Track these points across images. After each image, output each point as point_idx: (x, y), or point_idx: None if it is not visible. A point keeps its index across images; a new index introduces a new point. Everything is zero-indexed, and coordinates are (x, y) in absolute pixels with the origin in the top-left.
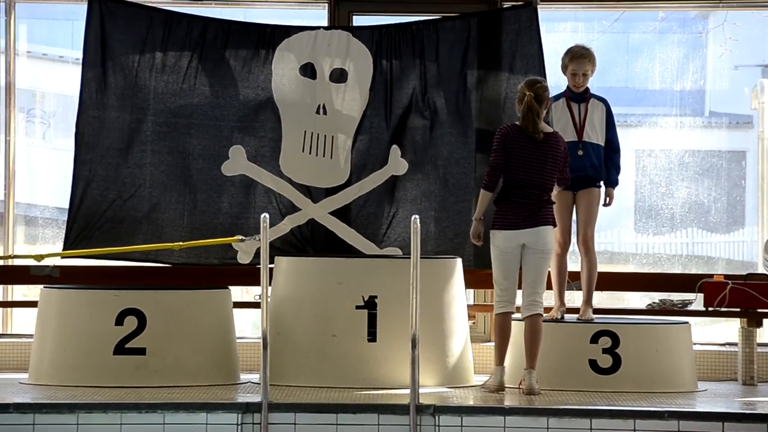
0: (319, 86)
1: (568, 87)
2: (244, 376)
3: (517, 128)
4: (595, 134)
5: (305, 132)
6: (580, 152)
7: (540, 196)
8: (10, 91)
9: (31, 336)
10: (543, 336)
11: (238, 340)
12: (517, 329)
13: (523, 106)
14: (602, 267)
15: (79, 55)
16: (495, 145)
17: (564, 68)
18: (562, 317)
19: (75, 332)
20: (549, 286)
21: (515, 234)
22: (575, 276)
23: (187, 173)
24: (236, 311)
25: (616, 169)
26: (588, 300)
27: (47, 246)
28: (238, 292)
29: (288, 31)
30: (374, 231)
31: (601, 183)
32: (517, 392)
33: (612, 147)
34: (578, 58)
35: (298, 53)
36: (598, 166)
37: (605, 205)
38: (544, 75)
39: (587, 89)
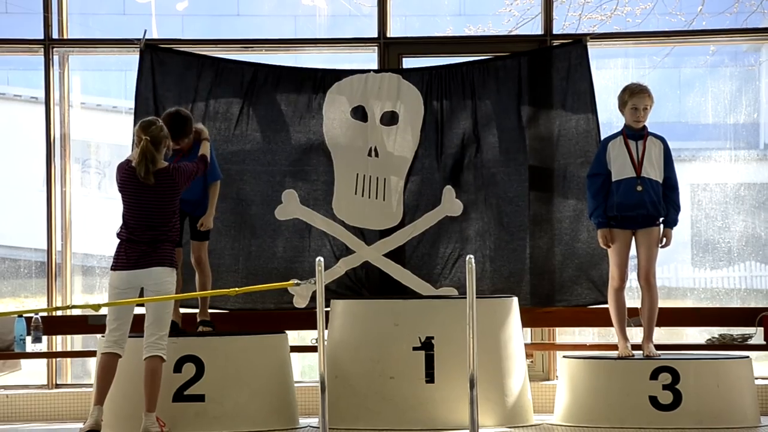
0: (371, 129)
1: (625, 125)
2: (303, 420)
3: (131, 167)
4: (653, 170)
5: (357, 175)
6: (639, 188)
7: (156, 237)
8: (65, 142)
9: (90, 386)
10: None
11: (295, 384)
12: (575, 369)
13: (138, 150)
14: (660, 302)
15: (132, 104)
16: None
17: (622, 105)
18: (633, 355)
19: (134, 380)
20: (603, 324)
21: (122, 275)
22: (633, 312)
23: (240, 219)
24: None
25: (675, 208)
26: (649, 336)
27: (104, 296)
28: (294, 336)
29: (338, 75)
30: (429, 271)
31: (660, 221)
32: (576, 430)
33: (670, 184)
34: (638, 93)
35: (349, 96)
36: (657, 202)
37: (663, 246)
38: (595, 112)
39: (645, 127)
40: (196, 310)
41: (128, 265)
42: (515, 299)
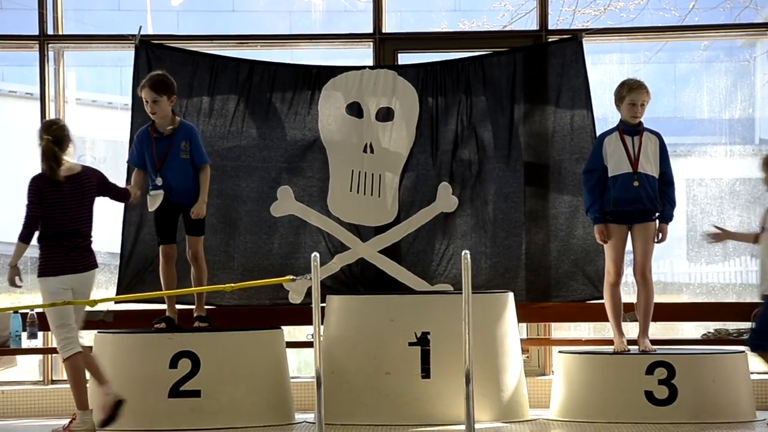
0: (366, 125)
1: (621, 120)
2: (298, 416)
3: (45, 175)
4: (649, 166)
5: (352, 171)
6: (636, 183)
7: (83, 239)
8: None
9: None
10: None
11: (291, 380)
12: (571, 364)
13: (41, 152)
14: (656, 297)
15: (128, 100)
16: (29, 198)
17: (620, 100)
18: (629, 350)
19: (129, 376)
20: (598, 319)
21: (64, 279)
22: (628, 308)
23: (236, 215)
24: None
25: (671, 203)
26: (645, 331)
27: (100, 291)
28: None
29: (333, 71)
30: (425, 268)
31: (656, 216)
32: (572, 425)
33: (666, 180)
34: (636, 88)
35: (344, 92)
36: (654, 197)
37: (658, 241)
38: (591, 108)
39: (641, 122)
40: (192, 307)
41: (65, 270)
42: (511, 295)
